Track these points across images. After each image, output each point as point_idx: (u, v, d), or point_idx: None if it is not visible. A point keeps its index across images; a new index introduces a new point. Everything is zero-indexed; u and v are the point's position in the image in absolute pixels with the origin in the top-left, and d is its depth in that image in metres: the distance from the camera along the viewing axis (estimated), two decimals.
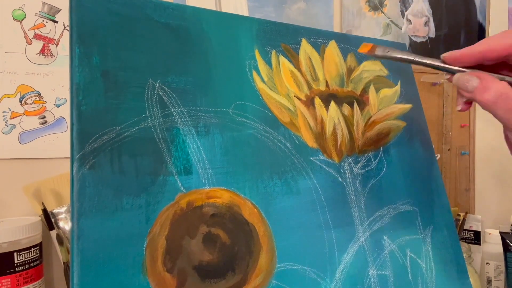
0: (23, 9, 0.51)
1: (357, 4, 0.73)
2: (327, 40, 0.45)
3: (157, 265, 0.28)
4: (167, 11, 0.35)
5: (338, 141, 0.41)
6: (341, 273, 0.36)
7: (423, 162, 0.46)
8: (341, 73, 0.44)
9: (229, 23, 0.38)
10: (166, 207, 0.30)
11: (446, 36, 0.81)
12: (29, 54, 0.51)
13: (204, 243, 0.31)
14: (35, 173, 0.50)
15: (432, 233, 0.43)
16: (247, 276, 0.31)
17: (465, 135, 0.79)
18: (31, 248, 0.45)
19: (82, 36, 0.31)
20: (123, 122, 0.30)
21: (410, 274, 0.40)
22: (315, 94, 0.41)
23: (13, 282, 0.43)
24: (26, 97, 0.51)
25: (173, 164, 0.31)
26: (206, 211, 0.31)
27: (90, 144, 0.29)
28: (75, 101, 0.29)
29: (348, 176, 0.40)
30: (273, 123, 0.37)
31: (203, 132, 0.33)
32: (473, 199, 0.80)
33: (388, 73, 0.49)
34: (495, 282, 0.62)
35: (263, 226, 0.33)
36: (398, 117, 0.47)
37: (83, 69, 0.30)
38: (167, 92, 0.33)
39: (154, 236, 0.29)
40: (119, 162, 0.29)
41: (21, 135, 0.50)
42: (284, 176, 0.36)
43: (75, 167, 0.28)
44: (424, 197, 0.45)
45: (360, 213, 0.39)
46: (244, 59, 0.38)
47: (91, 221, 0.27)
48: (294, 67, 0.41)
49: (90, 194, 0.28)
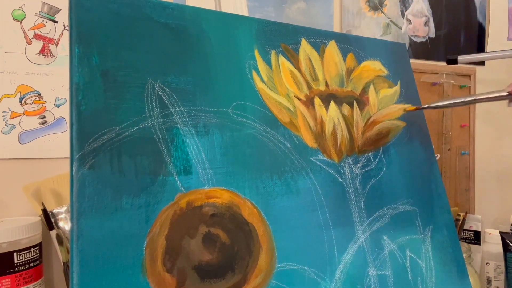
0: (23, 9, 0.51)
1: (357, 4, 0.73)
2: (327, 40, 0.45)
3: (157, 265, 0.28)
4: (166, 11, 0.35)
5: (337, 141, 0.41)
6: (341, 273, 0.36)
7: (423, 162, 0.46)
8: (340, 73, 0.44)
9: (229, 23, 0.38)
10: (165, 207, 0.30)
11: (446, 36, 0.81)
12: (29, 54, 0.51)
13: (203, 243, 0.31)
14: (35, 173, 0.50)
15: (431, 233, 0.43)
16: (246, 276, 0.31)
17: (465, 135, 0.79)
18: (31, 248, 0.45)
19: (82, 36, 0.31)
20: (122, 122, 0.30)
21: (410, 274, 0.40)
22: (314, 94, 0.41)
23: (13, 282, 0.43)
24: (26, 97, 0.51)
25: (173, 164, 0.31)
26: (205, 211, 0.31)
27: (90, 144, 0.29)
28: (74, 101, 0.29)
29: (347, 176, 0.40)
30: (273, 123, 0.37)
31: (203, 132, 0.33)
32: (473, 199, 0.80)
33: (388, 73, 0.49)
34: (495, 282, 0.62)
35: (263, 226, 0.33)
36: (398, 117, 0.47)
37: (83, 69, 0.30)
38: (167, 92, 0.33)
39: (154, 236, 0.29)
40: (118, 162, 0.29)
41: (21, 135, 0.50)
42: (284, 176, 0.36)
43: (74, 167, 0.28)
44: (423, 197, 0.45)
45: (360, 213, 0.39)
46: (243, 59, 0.38)
47: (90, 221, 0.27)
48: (293, 67, 0.41)
49: (90, 194, 0.28)
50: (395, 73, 0.49)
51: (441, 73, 0.76)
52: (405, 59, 0.52)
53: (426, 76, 0.76)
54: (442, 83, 0.76)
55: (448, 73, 0.76)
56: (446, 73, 0.75)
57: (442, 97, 0.75)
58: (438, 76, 0.76)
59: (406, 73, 0.50)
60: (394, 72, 0.49)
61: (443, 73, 0.76)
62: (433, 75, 0.76)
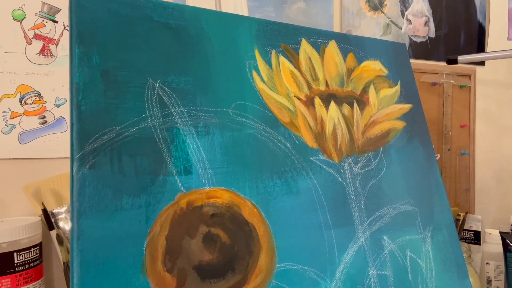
0: (23, 9, 0.51)
1: (357, 4, 0.73)
2: (327, 40, 0.45)
3: (157, 265, 0.28)
4: (166, 11, 0.35)
5: (338, 141, 0.41)
6: (341, 273, 0.36)
7: (423, 162, 0.46)
8: (341, 73, 0.44)
9: (229, 23, 0.38)
10: (166, 207, 0.30)
11: (446, 36, 0.81)
12: (29, 54, 0.51)
13: (204, 243, 0.31)
14: (35, 173, 0.50)
15: (432, 233, 0.43)
16: (247, 276, 0.31)
17: (465, 135, 0.79)
18: (31, 248, 0.45)
19: (82, 36, 0.31)
20: (123, 122, 0.30)
21: (410, 274, 0.40)
22: (315, 94, 0.41)
23: (13, 282, 0.43)
24: (26, 97, 0.51)
25: (173, 164, 0.31)
26: (206, 211, 0.31)
27: (90, 144, 0.29)
28: (75, 101, 0.29)
29: (348, 176, 0.40)
30: (273, 123, 0.37)
31: (203, 132, 0.33)
32: (473, 199, 0.80)
33: (388, 73, 0.49)
34: (495, 282, 0.62)
35: (263, 226, 0.33)
36: (398, 117, 0.47)
37: (83, 69, 0.30)
38: (167, 92, 0.33)
39: (154, 236, 0.29)
40: (119, 162, 0.29)
41: (21, 135, 0.50)
42: (284, 176, 0.36)
43: (75, 167, 0.28)
44: (424, 197, 0.45)
45: (360, 213, 0.39)
46: (244, 59, 0.38)
47: (91, 221, 0.27)
48: (294, 67, 0.41)
49: (90, 194, 0.28)
50: (395, 73, 0.49)
51: (441, 73, 0.76)
52: (405, 59, 0.52)
53: (426, 76, 0.76)
54: (442, 83, 0.76)
55: (448, 73, 0.76)
56: (446, 73, 0.75)
57: (442, 97, 0.75)
58: (438, 76, 0.76)
59: (406, 73, 0.50)
60: (394, 72, 0.49)
61: (443, 73, 0.76)
62: (433, 75, 0.76)
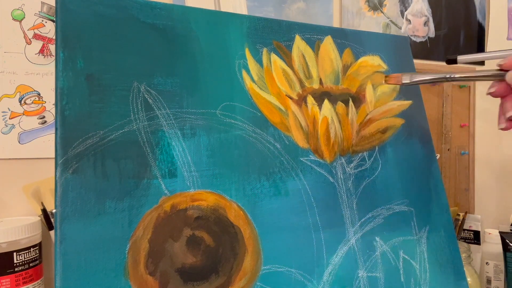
0: (22, 9, 0.52)
1: (356, 4, 0.72)
2: (322, 35, 0.44)
3: (139, 268, 0.29)
4: (154, 11, 0.35)
5: (330, 140, 0.40)
6: (329, 275, 0.35)
7: (422, 161, 0.45)
8: (336, 70, 0.43)
9: (219, 22, 0.38)
10: (149, 211, 0.30)
11: (445, 36, 0.80)
12: (29, 54, 0.52)
13: (187, 246, 0.31)
14: (35, 173, 0.51)
15: (428, 234, 0.42)
16: (231, 279, 0.32)
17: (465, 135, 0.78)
18: (31, 248, 0.45)
19: (67, 40, 0.31)
20: (107, 126, 0.31)
21: (402, 275, 0.39)
22: (307, 93, 0.41)
23: (12, 282, 0.43)
24: (25, 97, 0.52)
25: (158, 167, 0.31)
26: (190, 214, 0.32)
27: (74, 149, 0.29)
28: (59, 106, 0.30)
29: (340, 177, 0.40)
30: (263, 123, 0.37)
31: (189, 134, 0.33)
32: (472, 199, 0.79)
33: (387, 68, 0.47)
34: (494, 282, 0.61)
35: (249, 228, 0.33)
36: (397, 114, 0.46)
37: (67, 74, 0.30)
38: (153, 95, 0.33)
39: (137, 239, 0.29)
40: (102, 166, 0.30)
41: (21, 135, 0.51)
42: (273, 177, 0.36)
43: (58, 172, 0.28)
44: (421, 197, 0.43)
45: (352, 214, 0.39)
46: (233, 58, 0.38)
47: (73, 225, 0.28)
48: (286, 65, 0.40)
49: (73, 198, 0.28)
50: (396, 68, 0.48)
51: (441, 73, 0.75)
52: (407, 52, 0.50)
53: None
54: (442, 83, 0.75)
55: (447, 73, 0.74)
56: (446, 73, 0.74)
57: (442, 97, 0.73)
58: None
59: (407, 68, 0.49)
60: (394, 67, 0.48)
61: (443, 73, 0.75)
62: None
